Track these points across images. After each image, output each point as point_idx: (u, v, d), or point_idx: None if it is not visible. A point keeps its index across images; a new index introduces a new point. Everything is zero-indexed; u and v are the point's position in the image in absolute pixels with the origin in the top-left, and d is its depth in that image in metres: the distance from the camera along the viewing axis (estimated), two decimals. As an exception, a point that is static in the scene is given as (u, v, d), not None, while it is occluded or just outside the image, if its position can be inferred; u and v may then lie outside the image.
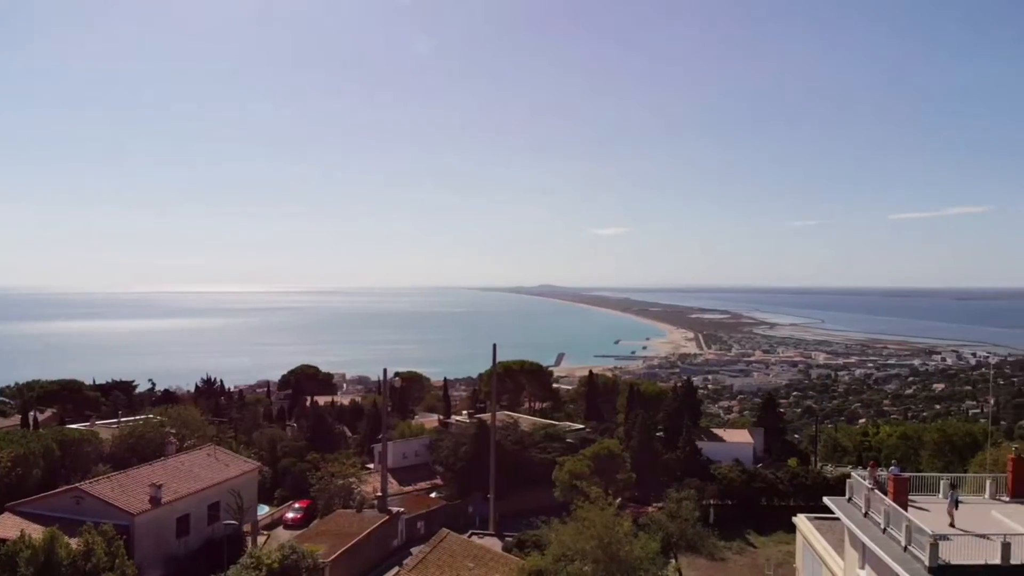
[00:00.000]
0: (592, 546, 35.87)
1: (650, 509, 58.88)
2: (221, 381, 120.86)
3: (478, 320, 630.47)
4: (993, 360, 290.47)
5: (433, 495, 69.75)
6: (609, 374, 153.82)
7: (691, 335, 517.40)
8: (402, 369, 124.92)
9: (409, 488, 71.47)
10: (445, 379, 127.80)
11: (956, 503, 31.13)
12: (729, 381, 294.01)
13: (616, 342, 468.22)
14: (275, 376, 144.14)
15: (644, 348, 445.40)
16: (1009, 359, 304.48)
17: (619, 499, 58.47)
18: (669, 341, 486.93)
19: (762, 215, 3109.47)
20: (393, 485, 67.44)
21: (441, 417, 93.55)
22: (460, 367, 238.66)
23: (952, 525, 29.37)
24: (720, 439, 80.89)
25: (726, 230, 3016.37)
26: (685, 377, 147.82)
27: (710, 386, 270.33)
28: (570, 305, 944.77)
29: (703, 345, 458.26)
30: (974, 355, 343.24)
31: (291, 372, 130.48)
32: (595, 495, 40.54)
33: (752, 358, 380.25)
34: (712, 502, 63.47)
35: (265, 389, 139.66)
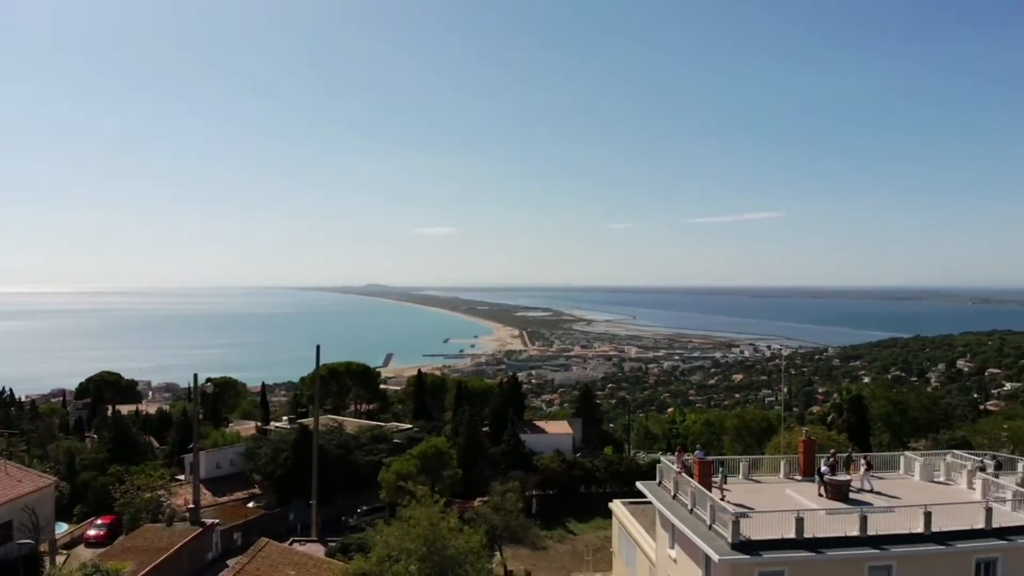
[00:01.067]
0: (417, 545, 35.62)
1: (476, 503, 59.43)
2: (10, 390, 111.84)
3: (301, 321, 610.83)
4: (785, 352, 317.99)
5: (251, 505, 66.55)
6: (438, 373, 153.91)
7: (517, 332, 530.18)
8: (215, 374, 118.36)
9: (224, 499, 67.73)
10: (263, 384, 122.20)
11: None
12: (551, 375, 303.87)
13: (445, 341, 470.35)
14: (71, 384, 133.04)
15: (472, 346, 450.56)
16: (800, 351, 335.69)
17: (445, 496, 58.58)
18: (496, 339, 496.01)
19: (582, 217, 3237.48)
20: (207, 496, 63.67)
21: (259, 424, 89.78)
22: (280, 371, 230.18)
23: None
24: (542, 431, 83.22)
25: (549, 231, 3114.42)
26: (511, 373, 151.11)
27: (533, 380, 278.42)
28: (399, 305, 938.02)
29: (527, 342, 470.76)
30: (769, 348, 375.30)
31: (89, 380, 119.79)
32: (421, 494, 40.33)
33: (572, 353, 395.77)
34: (535, 492, 65.12)
35: (60, 398, 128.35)
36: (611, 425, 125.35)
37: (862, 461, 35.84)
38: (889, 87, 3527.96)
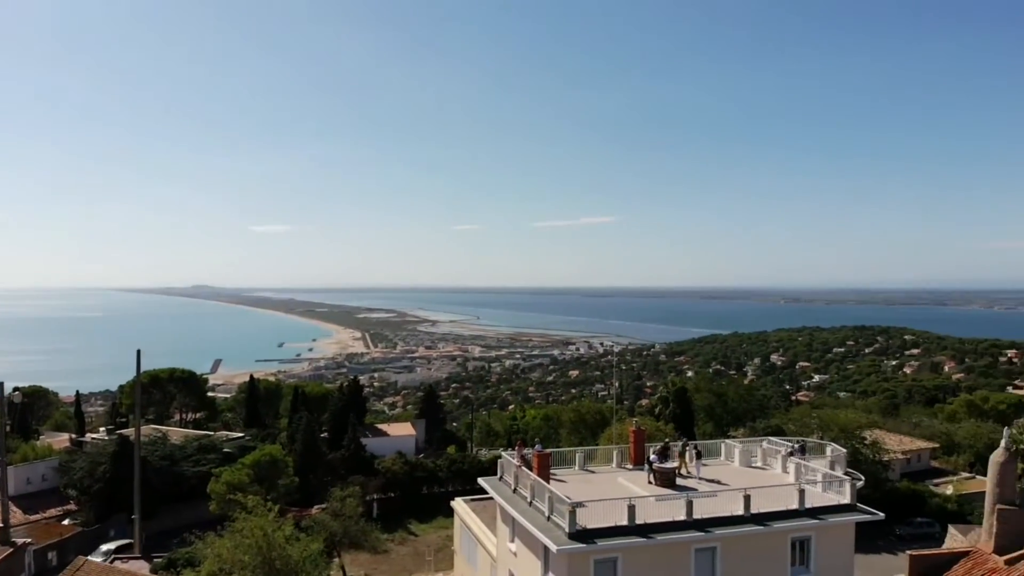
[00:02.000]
0: (251, 556, 34.15)
1: (314, 511, 57.71)
2: None
3: (120, 325, 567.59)
4: (617, 349, 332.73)
5: (67, 522, 61.25)
6: (272, 378, 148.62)
7: (358, 334, 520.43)
8: (23, 384, 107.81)
9: (36, 516, 61.90)
10: (77, 393, 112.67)
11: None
12: (394, 377, 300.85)
13: (280, 345, 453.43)
14: None
15: (310, 350, 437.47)
16: (630, 347, 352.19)
17: (279, 505, 56.55)
18: (336, 341, 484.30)
19: (429, 218, 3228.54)
20: (16, 515, 57.91)
21: (73, 436, 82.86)
22: (95, 379, 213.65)
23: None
24: (384, 434, 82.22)
25: (394, 232, 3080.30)
26: (352, 376, 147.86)
27: (376, 383, 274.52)
28: (229, 307, 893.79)
29: (370, 344, 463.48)
30: (602, 345, 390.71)
31: None
32: (253, 504, 38.75)
33: (416, 354, 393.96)
34: (376, 496, 64.15)
35: None
36: (454, 424, 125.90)
37: (694, 449, 37.80)
38: (717, 95, 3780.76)
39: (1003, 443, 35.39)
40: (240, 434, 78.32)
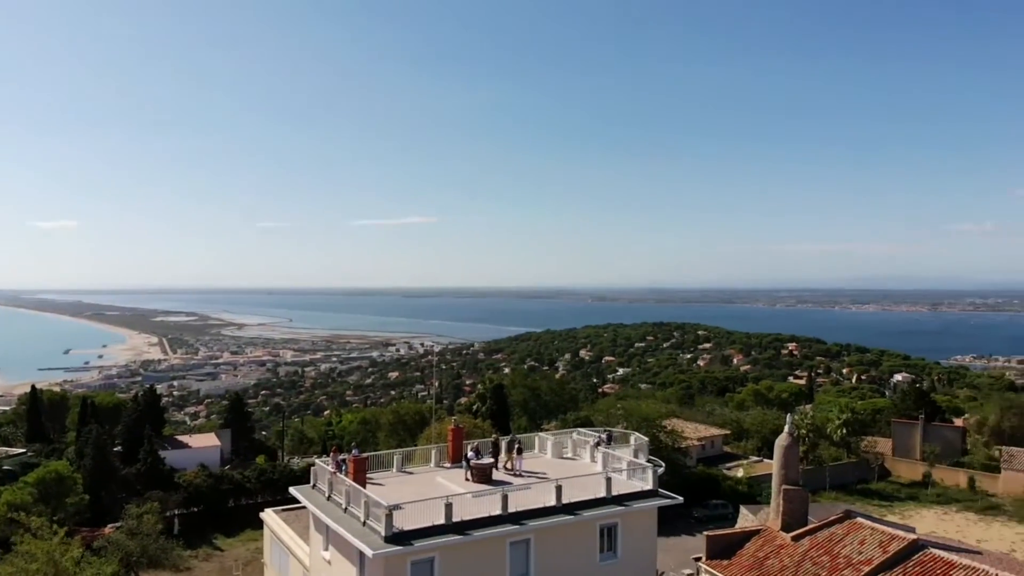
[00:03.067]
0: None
1: (107, 530, 52.83)
2: None
3: None
4: (437, 348, 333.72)
5: None
6: (58, 389, 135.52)
7: (155, 340, 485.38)
8: None
9: None
10: None
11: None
12: (196, 385, 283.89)
13: (66, 352, 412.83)
14: None
15: (100, 357, 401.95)
16: (450, 347, 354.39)
17: (67, 525, 51.36)
18: (130, 347, 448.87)
19: (231, 215, 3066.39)
20: None
21: None
22: None
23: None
24: (186, 445, 76.96)
25: (195, 229, 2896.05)
26: (148, 385, 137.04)
27: (176, 392, 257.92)
28: (5, 310, 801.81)
29: (168, 350, 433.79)
30: (422, 345, 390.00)
31: None
32: (37, 525, 35.12)
33: (221, 360, 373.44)
34: (178, 511, 59.93)
35: None
36: (264, 433, 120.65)
37: (515, 444, 38.34)
38: (537, 96, 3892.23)
39: (786, 429, 39.01)
40: (21, 450, 70.98)
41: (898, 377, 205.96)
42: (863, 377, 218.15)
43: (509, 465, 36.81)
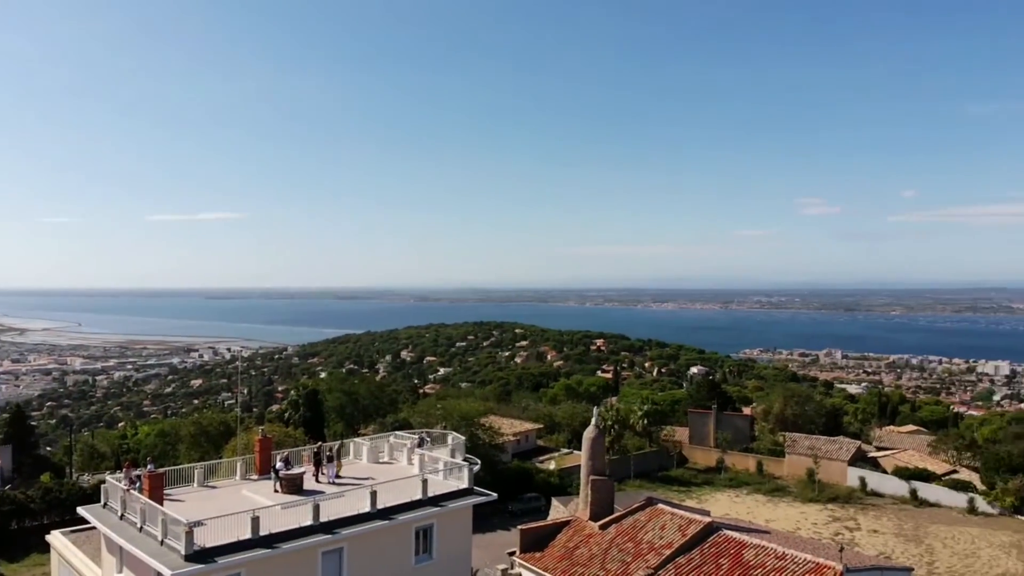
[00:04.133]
0: None
1: None
2: None
3: None
4: (245, 353, 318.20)
5: None
6: None
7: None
8: None
9: None
10: None
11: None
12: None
13: None
14: None
15: None
16: (261, 351, 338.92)
17: None
18: None
19: (8, 207, 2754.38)
20: None
21: None
22: None
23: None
24: (-48, 467, 68.17)
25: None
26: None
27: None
28: None
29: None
30: (229, 350, 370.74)
31: None
32: None
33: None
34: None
35: None
36: (50, 448, 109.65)
37: (330, 451, 37.09)
38: (347, 93, 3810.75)
39: (593, 421, 40.77)
40: None
41: (694, 370, 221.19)
42: (663, 370, 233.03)
43: (324, 474, 35.72)
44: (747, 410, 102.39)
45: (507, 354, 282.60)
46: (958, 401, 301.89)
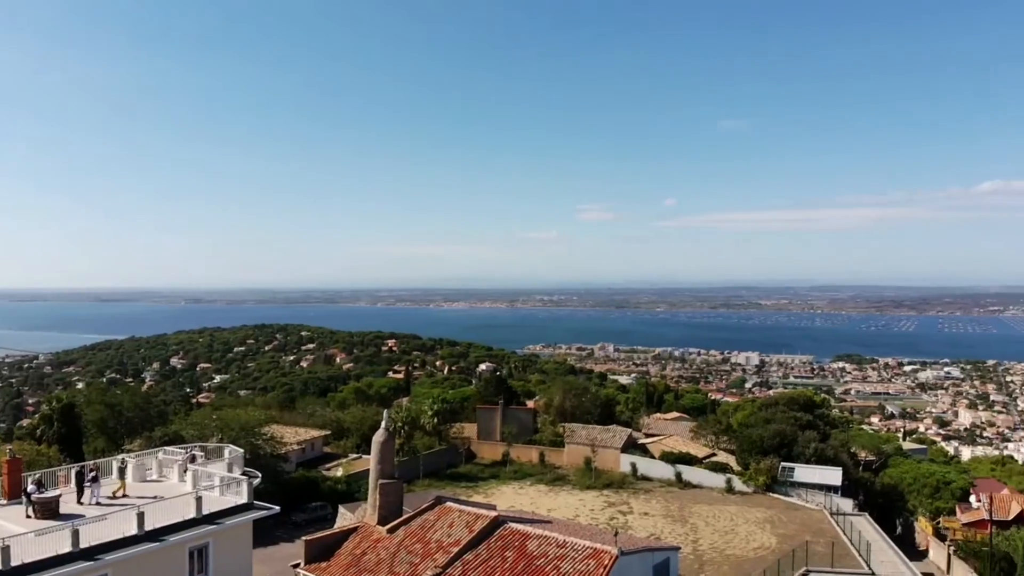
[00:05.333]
0: None
1: None
2: None
3: None
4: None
5: None
6: None
7: None
8: None
9: None
10: None
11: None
12: None
13: None
14: None
15: None
16: (7, 360, 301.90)
17: None
18: None
19: None
20: None
21: None
22: None
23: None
24: None
25: None
26: None
27: None
28: None
29: None
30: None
31: None
32: None
33: None
34: None
35: None
36: None
37: (92, 472, 33.69)
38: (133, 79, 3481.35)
39: (383, 424, 40.30)
40: None
41: (483, 367, 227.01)
42: (454, 368, 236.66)
43: (91, 495, 32.43)
44: (531, 403, 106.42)
45: (292, 358, 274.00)
46: (715, 389, 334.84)
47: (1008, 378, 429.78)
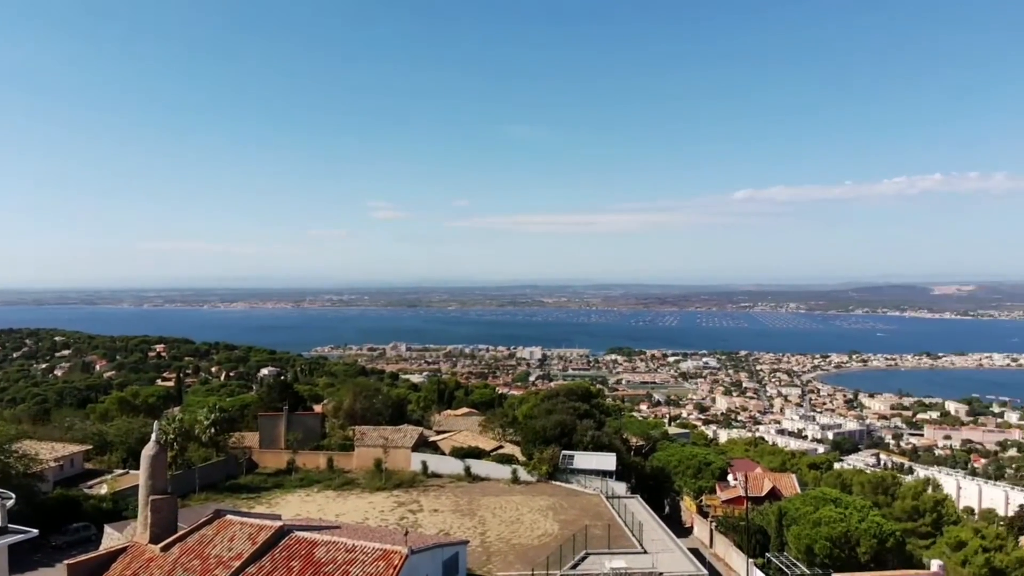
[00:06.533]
0: None
1: None
2: None
3: None
4: None
5: None
6: None
7: None
8: None
9: None
10: None
11: None
12: None
13: None
14: None
15: None
16: None
17: None
18: None
19: None
20: None
21: None
22: None
23: None
24: None
25: None
26: None
27: None
28: None
29: None
30: None
31: None
32: None
33: None
34: None
35: None
36: None
37: None
38: None
39: (153, 436, 37.40)
40: None
41: (265, 371, 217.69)
42: (232, 374, 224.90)
43: None
44: (318, 408, 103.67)
45: (45, 366, 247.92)
46: (502, 383, 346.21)
47: (758, 367, 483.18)
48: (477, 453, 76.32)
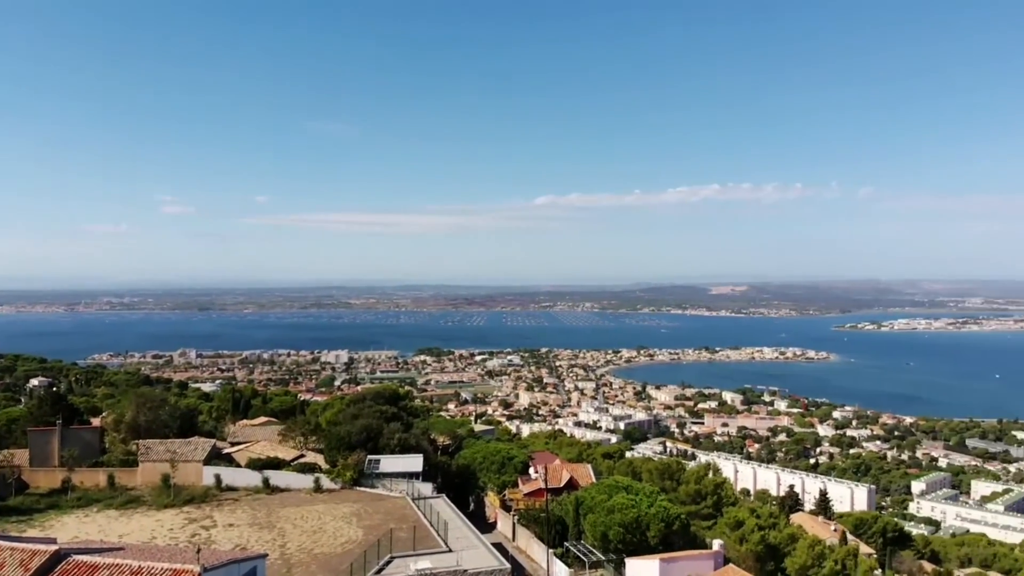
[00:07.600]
0: None
1: None
2: None
3: None
4: None
5: None
6: None
7: None
8: None
9: None
10: None
11: None
12: None
13: None
14: None
15: None
16: None
17: None
18: None
19: None
20: None
21: None
22: None
23: None
24: None
25: None
26: None
27: None
28: None
29: None
30: None
31: None
32: None
33: None
34: None
35: None
36: None
37: None
38: None
39: None
40: None
41: (35, 382, 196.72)
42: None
43: None
44: (96, 421, 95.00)
45: None
46: (304, 389, 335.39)
47: (557, 363, 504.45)
48: (277, 463, 73.41)
